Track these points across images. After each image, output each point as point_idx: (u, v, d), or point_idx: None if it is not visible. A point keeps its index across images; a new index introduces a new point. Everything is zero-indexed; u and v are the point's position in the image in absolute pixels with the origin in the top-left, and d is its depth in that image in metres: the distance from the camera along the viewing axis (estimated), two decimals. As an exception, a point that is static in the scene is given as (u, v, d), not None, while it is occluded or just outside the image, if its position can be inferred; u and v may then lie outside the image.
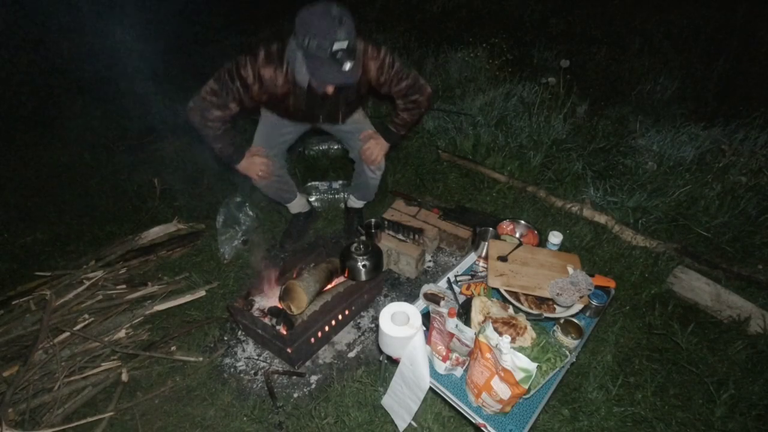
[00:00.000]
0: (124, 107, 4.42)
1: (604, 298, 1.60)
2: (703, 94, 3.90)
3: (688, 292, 2.26)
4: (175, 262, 2.63)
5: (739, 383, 1.88)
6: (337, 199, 2.96)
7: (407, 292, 2.38)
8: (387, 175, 3.23)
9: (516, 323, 1.45)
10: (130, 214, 3.05)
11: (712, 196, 2.71)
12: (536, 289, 1.60)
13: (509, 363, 1.24)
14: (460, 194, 3.05)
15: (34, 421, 1.79)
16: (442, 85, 4.23)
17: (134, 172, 3.47)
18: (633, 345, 2.07)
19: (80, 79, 5.02)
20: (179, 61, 4.97)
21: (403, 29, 5.22)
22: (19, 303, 2.29)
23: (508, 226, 2.05)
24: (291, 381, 1.97)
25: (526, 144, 3.32)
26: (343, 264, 2.10)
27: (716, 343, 2.05)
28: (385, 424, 1.74)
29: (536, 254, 1.77)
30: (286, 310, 1.98)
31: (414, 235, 2.56)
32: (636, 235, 2.57)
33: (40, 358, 1.98)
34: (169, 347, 2.12)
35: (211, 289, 2.39)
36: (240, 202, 2.81)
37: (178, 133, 3.92)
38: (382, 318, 1.41)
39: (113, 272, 2.48)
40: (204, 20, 5.72)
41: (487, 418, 1.34)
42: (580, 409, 1.79)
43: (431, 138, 3.61)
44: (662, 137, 3.16)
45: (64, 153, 3.75)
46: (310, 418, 1.77)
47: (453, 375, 1.46)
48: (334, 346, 2.12)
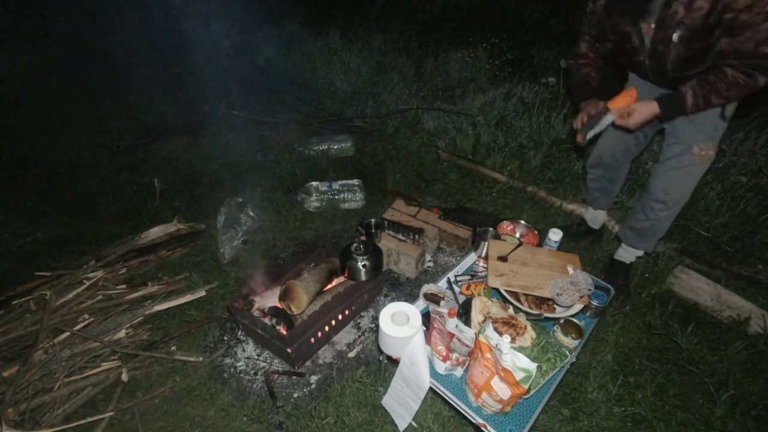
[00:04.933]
0: (124, 107, 4.43)
1: (604, 298, 1.60)
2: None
3: (688, 292, 2.26)
4: (175, 262, 2.63)
5: (739, 383, 1.88)
6: (337, 200, 2.96)
7: (407, 292, 2.38)
8: (387, 176, 3.23)
9: (516, 323, 1.45)
10: (130, 214, 3.05)
11: (712, 196, 2.71)
12: (536, 289, 1.60)
13: (509, 363, 1.24)
14: (460, 194, 3.06)
15: (34, 421, 1.79)
16: (442, 85, 4.24)
17: (134, 172, 3.47)
18: (633, 345, 2.07)
19: (80, 79, 5.03)
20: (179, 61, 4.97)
21: (403, 29, 5.23)
22: (19, 303, 2.29)
23: (508, 226, 2.05)
24: (291, 381, 1.97)
25: (526, 144, 3.32)
26: (343, 264, 2.10)
27: (716, 343, 2.06)
28: (385, 424, 1.74)
29: (536, 254, 1.77)
30: (286, 310, 1.98)
31: (414, 235, 2.56)
32: (636, 235, 2.56)
33: (40, 358, 1.98)
34: (169, 347, 2.12)
35: (211, 289, 2.39)
36: (240, 203, 2.82)
37: (178, 133, 3.93)
38: (382, 318, 1.41)
39: (113, 272, 2.48)
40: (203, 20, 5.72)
41: (487, 418, 1.34)
42: (580, 409, 1.79)
43: (431, 138, 3.61)
44: (662, 137, 3.16)
45: (64, 153, 3.75)
46: (310, 418, 1.77)
47: (453, 375, 1.46)
48: (334, 346, 2.11)
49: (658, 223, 2.02)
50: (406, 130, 3.74)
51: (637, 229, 2.12)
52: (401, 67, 4.63)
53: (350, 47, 4.87)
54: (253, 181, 3.18)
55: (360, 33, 5.17)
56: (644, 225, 2.07)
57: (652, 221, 2.02)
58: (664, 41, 1.55)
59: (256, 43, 5.33)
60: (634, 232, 2.15)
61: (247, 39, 5.33)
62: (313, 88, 4.62)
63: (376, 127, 3.85)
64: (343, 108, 4.23)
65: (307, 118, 4.09)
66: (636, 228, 2.13)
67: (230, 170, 3.26)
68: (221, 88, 4.37)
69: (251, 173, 3.32)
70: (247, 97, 4.29)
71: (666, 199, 1.93)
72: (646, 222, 2.05)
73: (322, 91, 4.58)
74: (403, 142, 3.64)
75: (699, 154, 1.79)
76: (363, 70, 4.62)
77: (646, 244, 2.17)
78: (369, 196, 3.03)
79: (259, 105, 4.18)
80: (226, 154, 3.57)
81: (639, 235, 2.14)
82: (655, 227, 2.05)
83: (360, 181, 3.04)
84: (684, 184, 1.88)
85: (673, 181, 1.89)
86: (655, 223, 2.02)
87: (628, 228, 2.19)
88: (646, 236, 2.12)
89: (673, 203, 1.93)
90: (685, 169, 1.84)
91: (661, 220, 2.00)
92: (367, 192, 3.03)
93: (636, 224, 2.12)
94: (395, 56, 4.80)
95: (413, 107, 3.96)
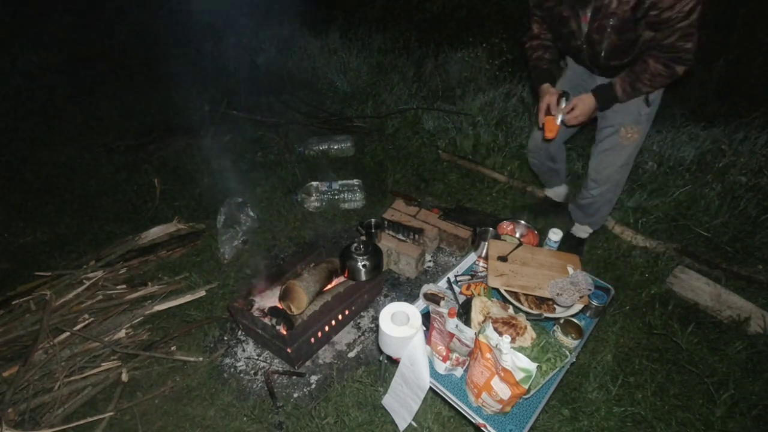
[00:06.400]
0: (124, 107, 4.43)
1: (604, 298, 1.60)
2: (703, 94, 3.90)
3: (688, 292, 2.26)
4: (175, 262, 2.63)
5: (739, 383, 1.88)
6: (337, 200, 2.96)
7: (407, 292, 2.38)
8: (387, 176, 3.23)
9: (516, 323, 1.45)
10: (130, 214, 3.05)
11: (712, 196, 2.71)
12: (536, 289, 1.60)
13: (509, 363, 1.24)
14: (460, 194, 3.06)
15: (34, 421, 1.79)
16: (442, 85, 4.24)
17: (134, 172, 3.47)
18: (633, 345, 2.07)
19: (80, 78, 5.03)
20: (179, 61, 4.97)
21: (403, 29, 5.22)
22: (19, 303, 2.29)
23: (508, 226, 2.05)
24: (291, 381, 1.97)
25: (526, 144, 3.31)
26: (343, 264, 2.10)
27: (716, 343, 2.05)
28: (385, 424, 1.74)
29: (536, 254, 1.77)
30: (286, 310, 1.98)
31: (414, 235, 2.56)
32: (636, 235, 2.57)
33: (40, 358, 1.98)
34: (169, 347, 2.12)
35: (211, 289, 2.39)
36: (240, 203, 2.82)
37: (178, 133, 3.93)
38: (382, 318, 1.41)
39: (113, 272, 2.48)
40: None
41: (487, 418, 1.34)
42: (580, 409, 1.79)
43: (431, 138, 3.61)
44: (662, 137, 3.16)
45: (64, 153, 3.75)
46: (310, 418, 1.77)
47: (453, 375, 1.46)
48: (334, 346, 2.11)
49: (594, 200, 2.23)
50: (406, 130, 3.74)
51: (580, 205, 2.35)
52: (401, 67, 4.63)
53: (350, 47, 4.87)
54: (253, 181, 3.19)
55: (360, 33, 5.16)
56: (585, 202, 2.30)
57: (588, 199, 2.25)
58: (599, 29, 1.68)
59: (256, 43, 5.33)
60: (578, 209, 2.39)
61: (247, 39, 5.33)
62: (313, 88, 4.62)
63: (376, 127, 3.85)
64: (343, 108, 4.23)
65: (307, 118, 4.09)
66: (579, 204, 2.36)
67: (230, 170, 3.26)
68: (221, 88, 4.37)
69: (251, 173, 3.32)
70: (247, 97, 4.29)
71: (597, 178, 2.14)
72: (585, 200, 2.29)
73: (322, 91, 4.58)
74: (403, 142, 3.64)
75: (626, 136, 1.98)
76: (363, 70, 4.62)
77: (590, 220, 2.39)
78: (369, 196, 3.03)
79: (259, 105, 4.18)
80: (226, 154, 3.57)
81: (582, 212, 2.37)
82: (594, 205, 2.26)
83: (360, 181, 3.04)
84: (613, 163, 2.06)
85: (603, 162, 2.10)
86: (591, 200, 2.24)
87: (574, 204, 2.43)
88: (588, 213, 2.34)
89: (603, 181, 2.13)
90: (613, 149, 2.04)
91: (596, 197, 2.21)
92: (367, 192, 3.03)
93: (579, 201, 2.36)
94: (395, 56, 4.80)
95: (413, 107, 3.96)
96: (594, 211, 2.30)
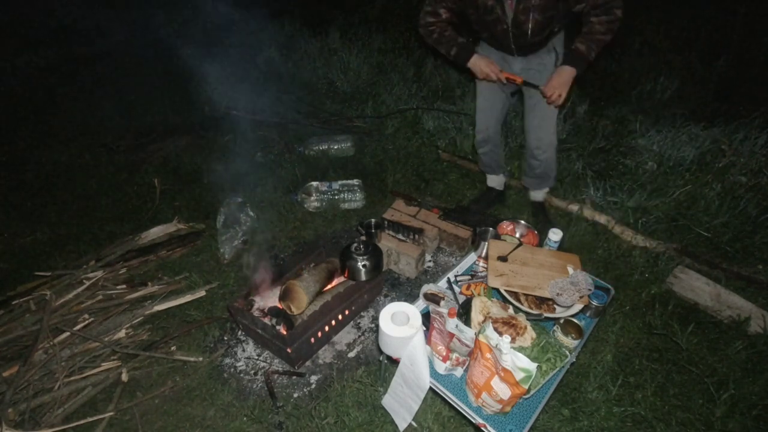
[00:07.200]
0: (124, 107, 4.42)
1: (604, 298, 1.60)
2: (703, 94, 3.90)
3: (688, 292, 2.26)
4: (175, 262, 2.63)
5: (739, 383, 1.88)
6: (337, 200, 2.96)
7: (407, 292, 2.38)
8: (387, 176, 3.23)
9: (516, 323, 1.45)
10: (130, 214, 3.05)
11: (712, 196, 2.71)
12: (536, 289, 1.60)
13: (509, 363, 1.24)
14: (460, 194, 3.06)
15: (34, 421, 1.79)
16: (442, 85, 4.24)
17: (134, 172, 3.47)
18: (633, 345, 2.07)
19: (81, 78, 5.03)
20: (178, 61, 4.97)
21: (403, 29, 5.21)
22: (19, 303, 2.29)
23: (508, 226, 2.05)
24: (291, 381, 1.97)
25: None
26: (343, 264, 2.10)
27: (716, 343, 2.05)
28: (385, 424, 1.74)
29: (536, 254, 1.77)
30: (286, 310, 1.98)
31: (414, 235, 2.56)
32: (636, 235, 2.57)
33: (40, 358, 1.98)
34: (169, 347, 2.12)
35: (211, 289, 2.39)
36: (240, 203, 2.82)
37: (178, 133, 3.93)
38: (382, 318, 1.41)
39: (113, 272, 2.48)
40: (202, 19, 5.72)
41: (487, 418, 1.34)
42: (580, 409, 1.79)
43: (431, 138, 3.61)
44: (662, 137, 3.16)
45: (64, 153, 3.75)
46: (310, 418, 1.77)
47: (453, 375, 1.46)
48: (334, 346, 2.11)
49: (544, 164, 2.50)
50: (406, 130, 3.74)
51: (536, 174, 2.62)
52: (401, 67, 4.62)
53: (350, 47, 4.86)
54: (253, 181, 3.18)
55: (360, 33, 5.16)
56: (539, 171, 2.58)
57: (540, 167, 2.54)
58: (524, 11, 1.91)
59: (256, 43, 5.32)
60: (535, 178, 2.67)
61: (247, 39, 5.33)
62: (313, 88, 4.62)
63: (376, 127, 3.85)
64: (343, 108, 4.23)
65: (307, 118, 4.09)
66: (535, 174, 2.62)
67: (230, 170, 3.26)
68: (221, 88, 4.36)
69: (251, 173, 3.32)
70: (247, 96, 4.28)
71: (540, 144, 2.42)
72: (538, 169, 2.56)
73: (322, 91, 4.58)
74: (403, 142, 3.64)
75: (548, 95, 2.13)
76: (363, 70, 4.61)
77: (548, 182, 2.68)
78: (369, 196, 3.03)
79: (258, 105, 4.18)
80: (226, 154, 3.57)
81: (540, 178, 2.65)
82: (546, 167, 2.53)
83: (360, 181, 3.04)
84: (547, 127, 2.36)
85: (542, 129, 2.37)
86: (542, 164, 2.51)
87: (529, 178, 2.71)
88: (544, 177, 2.62)
89: (546, 146, 2.42)
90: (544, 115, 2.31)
91: (545, 161, 2.49)
92: (367, 192, 3.03)
93: (533, 173, 2.63)
94: (395, 56, 4.79)
95: (413, 107, 3.96)
96: (548, 174, 2.58)
